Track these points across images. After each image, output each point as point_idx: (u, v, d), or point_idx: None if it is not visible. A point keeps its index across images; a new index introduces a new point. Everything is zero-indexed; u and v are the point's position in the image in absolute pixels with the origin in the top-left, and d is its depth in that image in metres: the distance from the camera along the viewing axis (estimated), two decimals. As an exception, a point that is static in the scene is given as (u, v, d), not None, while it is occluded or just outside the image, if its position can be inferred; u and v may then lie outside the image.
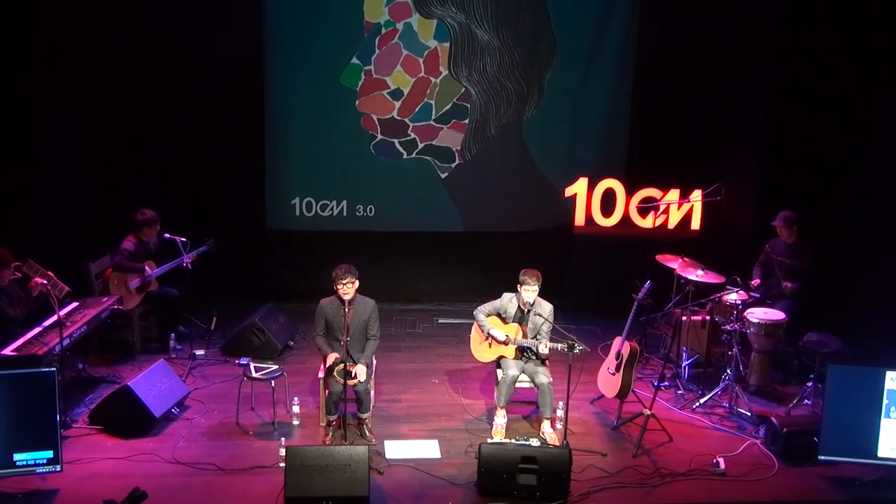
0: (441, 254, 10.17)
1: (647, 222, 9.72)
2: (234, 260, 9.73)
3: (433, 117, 9.83)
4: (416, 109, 9.79)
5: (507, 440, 6.56)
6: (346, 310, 6.74)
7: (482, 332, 7.27)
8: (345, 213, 9.92)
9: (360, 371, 6.82)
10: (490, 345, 7.29)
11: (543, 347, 6.93)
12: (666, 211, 9.69)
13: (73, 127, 9.06)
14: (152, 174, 9.53)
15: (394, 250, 10.07)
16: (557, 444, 6.77)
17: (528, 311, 7.10)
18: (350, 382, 6.76)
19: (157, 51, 9.22)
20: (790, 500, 6.36)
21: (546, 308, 7.12)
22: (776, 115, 9.23)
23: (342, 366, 6.72)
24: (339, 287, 6.76)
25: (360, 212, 9.95)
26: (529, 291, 6.99)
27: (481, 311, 7.29)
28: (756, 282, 8.28)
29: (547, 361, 7.31)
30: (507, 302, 7.24)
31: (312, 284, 9.14)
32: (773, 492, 6.44)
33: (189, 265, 8.17)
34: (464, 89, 9.80)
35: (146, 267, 8.32)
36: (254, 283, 9.88)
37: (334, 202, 9.91)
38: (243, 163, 9.69)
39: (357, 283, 6.81)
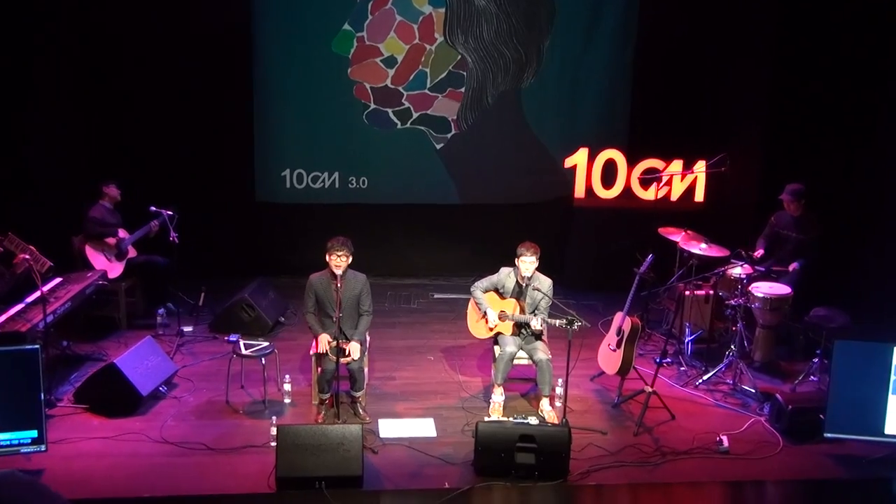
0: (436, 227, 10.18)
1: (650, 194, 9.73)
2: (223, 233, 9.76)
3: (428, 86, 9.77)
4: (411, 78, 9.73)
5: (505, 418, 6.57)
6: (338, 284, 6.68)
7: (479, 308, 7.26)
8: (337, 186, 9.91)
9: (354, 348, 6.82)
10: (487, 321, 7.29)
11: (536, 322, 6.91)
12: (668, 182, 9.72)
13: (56, 98, 9.00)
14: (138, 146, 9.45)
15: (387, 223, 10.08)
16: (556, 422, 6.79)
17: (527, 286, 7.08)
18: (343, 360, 6.76)
19: (144, 19, 9.09)
20: (795, 478, 6.37)
21: (545, 283, 7.12)
22: (782, 83, 9.21)
23: (335, 343, 6.72)
24: (332, 258, 6.73)
25: (352, 184, 9.95)
26: (527, 264, 6.97)
27: (478, 288, 7.29)
28: (759, 252, 8.27)
29: (545, 337, 7.31)
30: (505, 276, 7.23)
31: (303, 258, 9.10)
32: (777, 470, 6.45)
33: (175, 238, 8.11)
34: (460, 57, 9.74)
35: (121, 232, 8.33)
36: (243, 257, 9.88)
37: (326, 174, 9.89)
38: (232, 134, 9.63)
39: (350, 259, 6.81)
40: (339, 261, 6.74)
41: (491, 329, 7.26)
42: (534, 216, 9.99)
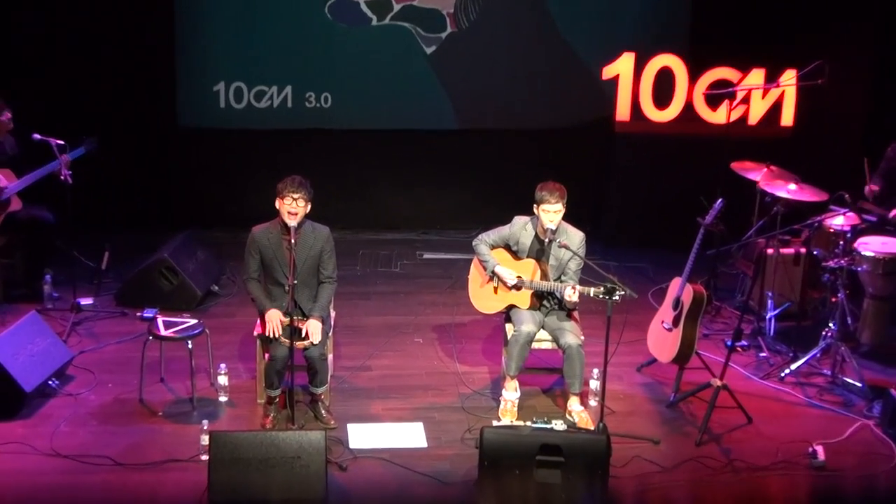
0: (426, 162, 10.21)
1: (719, 116, 9.68)
2: (134, 172, 9.80)
3: (414, -34, 9.93)
4: (390, -46, 9.92)
5: (520, 422, 6.57)
6: (292, 241, 6.65)
7: (485, 270, 7.24)
8: (289, 105, 9.94)
9: (313, 328, 6.78)
10: (496, 289, 7.26)
11: (571, 292, 6.88)
12: (746, 100, 9.67)
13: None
14: (21, 56, 9.54)
15: (359, 157, 10.13)
16: (590, 427, 6.81)
17: (550, 241, 7.06)
18: (298, 344, 6.72)
19: None
20: (914, 502, 6.48)
21: (575, 238, 7.08)
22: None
23: (288, 321, 6.69)
24: (283, 204, 6.72)
25: (310, 102, 9.96)
26: (551, 214, 6.95)
27: (483, 242, 7.27)
28: (873, 187, 8.30)
29: (576, 313, 7.28)
30: (520, 229, 7.21)
31: (244, 205, 9.17)
32: (892, 490, 6.47)
33: (68, 178, 8.08)
34: (458, -77, 9.93)
35: (2, 177, 8.28)
36: (161, 203, 9.91)
37: (274, 89, 9.89)
38: (145, 36, 9.69)
39: (309, 206, 6.82)
40: (293, 206, 6.71)
41: (499, 294, 7.23)
42: (559, 147, 10.02)
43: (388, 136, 10.12)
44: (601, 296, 6.61)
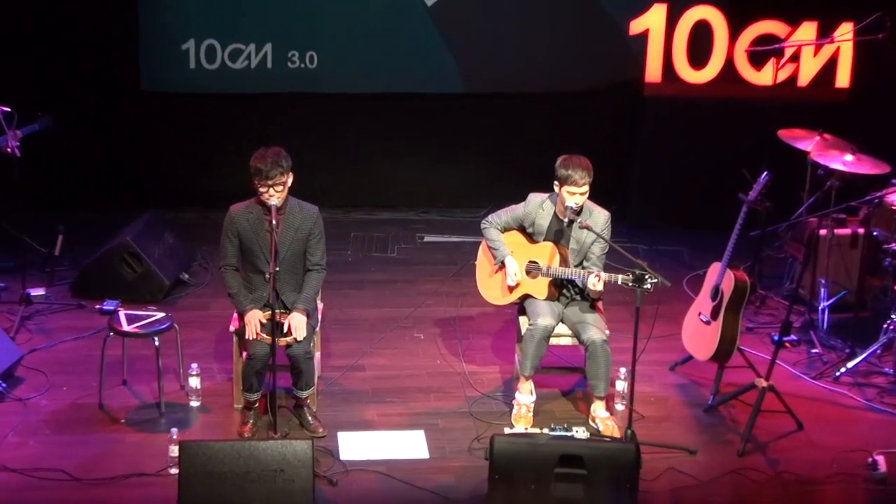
0: (428, 131, 10.22)
1: (764, 76, 9.69)
2: (91, 144, 9.81)
3: None
4: None
5: (537, 430, 6.59)
6: (274, 223, 6.62)
7: (494, 255, 7.21)
8: (269, 65, 9.91)
9: (298, 323, 6.79)
10: (506, 275, 7.25)
11: (595, 280, 6.85)
12: (795, 57, 9.66)
13: None
14: None
15: (350, 125, 10.12)
16: (617, 435, 6.82)
17: (571, 222, 7.05)
18: (281, 341, 6.72)
19: None
20: None
21: (600, 218, 7.09)
22: None
23: (269, 315, 6.69)
24: (262, 188, 6.70)
25: (293, 62, 9.93)
26: (575, 194, 6.94)
27: (493, 225, 7.29)
28: None
29: (600, 304, 7.27)
30: (536, 208, 7.20)
31: (218, 181, 9.22)
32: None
33: (15, 150, 8.09)
34: None
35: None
36: (123, 180, 9.92)
37: (252, 47, 9.84)
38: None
39: (290, 180, 6.77)
40: (272, 189, 6.69)
41: (512, 289, 7.23)
42: (580, 113, 10.03)
43: (382, 102, 10.09)
44: (629, 284, 6.60)
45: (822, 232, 8.18)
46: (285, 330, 6.76)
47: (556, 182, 7.01)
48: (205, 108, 9.97)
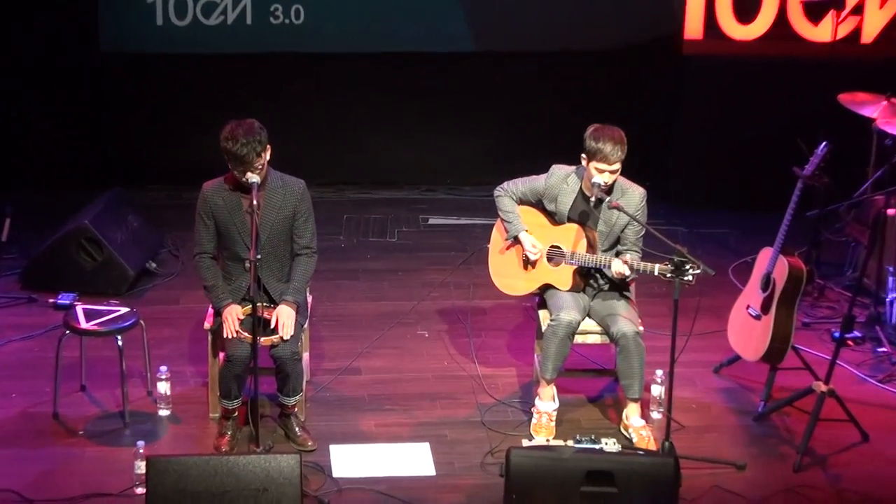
0: (433, 96, 10.21)
1: (822, 32, 9.67)
2: (43, 113, 9.81)
3: None
4: None
5: (560, 442, 6.61)
6: (254, 202, 6.52)
7: (507, 230, 7.25)
8: (248, 21, 9.91)
9: (285, 318, 6.76)
10: (527, 263, 7.20)
11: (620, 265, 6.80)
12: (858, 10, 9.66)
13: None
14: None
15: (342, 90, 10.11)
16: (653, 447, 6.81)
17: (600, 201, 6.98)
18: (264, 340, 6.68)
19: None
20: None
21: (634, 196, 7.06)
22: None
23: (250, 309, 6.65)
24: (235, 166, 6.67)
25: (276, 17, 9.93)
26: (605, 172, 6.88)
27: (508, 193, 7.27)
28: None
29: (633, 296, 7.26)
30: (559, 182, 7.17)
31: (189, 155, 9.19)
32: None
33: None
34: None
35: None
36: (80, 155, 9.93)
37: (228, 0, 9.84)
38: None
39: (269, 152, 6.73)
40: (251, 164, 6.62)
41: (533, 265, 7.21)
42: (610, 75, 10.06)
43: (380, 62, 10.09)
44: (667, 274, 6.56)
45: (890, 212, 8.08)
46: (272, 326, 6.73)
47: (583, 155, 6.95)
48: (174, 71, 9.98)
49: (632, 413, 7.05)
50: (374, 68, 10.12)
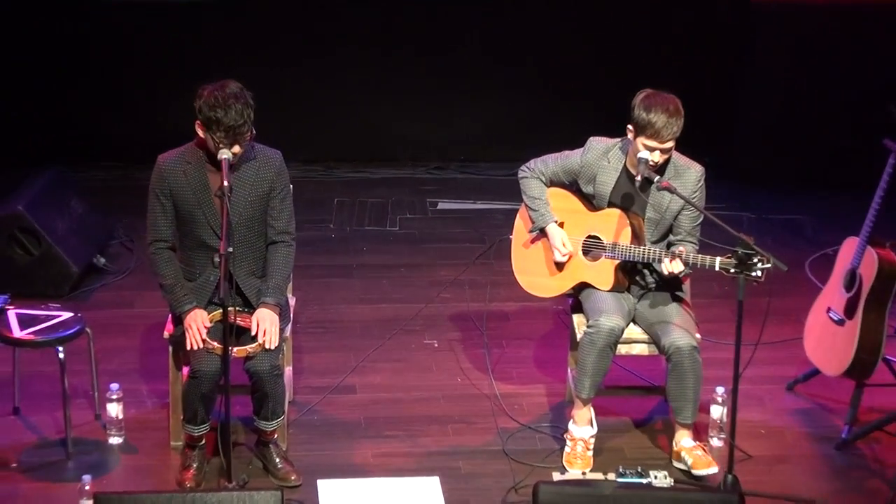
0: (442, 55, 10.28)
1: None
2: None
3: None
4: None
5: (600, 475, 6.70)
6: (224, 183, 6.44)
7: (532, 220, 7.31)
8: None
9: (269, 324, 6.79)
10: (551, 249, 7.25)
11: (669, 265, 6.76)
12: None
13: None
14: None
15: (331, 45, 10.21)
16: (713, 469, 6.89)
17: (649, 182, 6.88)
18: (237, 351, 6.64)
19: None
20: None
21: (689, 175, 7.10)
22: None
23: (218, 313, 6.66)
24: (222, 138, 6.62)
25: None
26: (656, 150, 6.87)
27: (535, 174, 7.30)
28: None
29: (687, 295, 7.22)
30: (599, 159, 7.17)
31: (142, 126, 9.24)
32: None
33: None
34: None
35: None
36: (11, 127, 10.10)
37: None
38: None
39: (253, 130, 6.75)
40: (243, 135, 6.65)
41: (563, 267, 7.26)
42: (659, 29, 10.25)
43: (376, 9, 10.13)
44: (731, 270, 6.58)
45: None
46: (252, 333, 6.72)
47: (629, 127, 6.93)
48: (122, 20, 10.03)
49: (685, 439, 7.13)
50: (373, 15, 10.12)
